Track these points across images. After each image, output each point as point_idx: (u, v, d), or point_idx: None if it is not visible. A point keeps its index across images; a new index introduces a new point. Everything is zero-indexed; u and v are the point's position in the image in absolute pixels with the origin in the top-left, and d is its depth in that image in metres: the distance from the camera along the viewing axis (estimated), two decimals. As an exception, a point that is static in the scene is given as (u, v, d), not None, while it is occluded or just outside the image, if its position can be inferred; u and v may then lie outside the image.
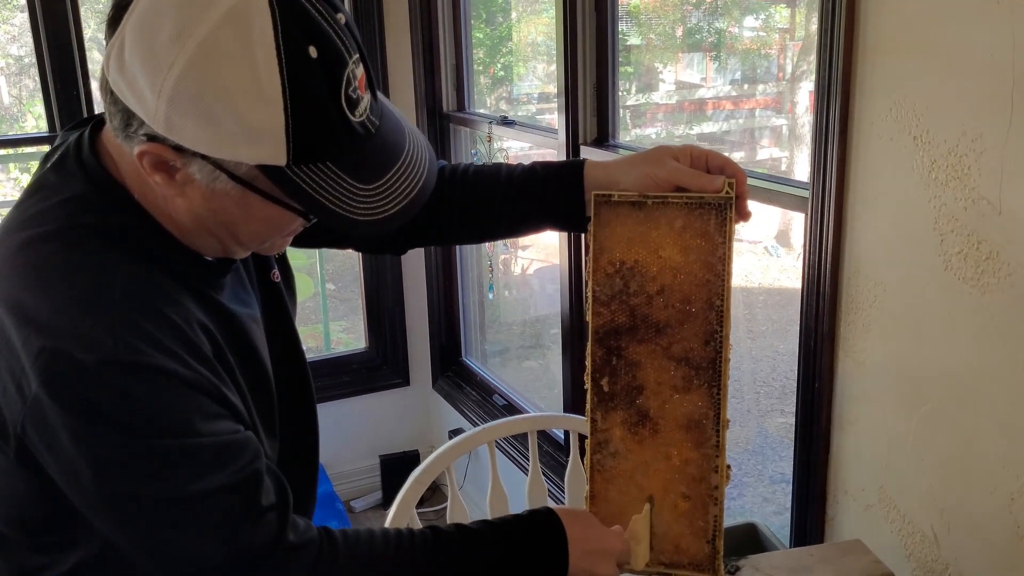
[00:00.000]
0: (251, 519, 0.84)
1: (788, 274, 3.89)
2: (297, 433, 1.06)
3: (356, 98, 0.79)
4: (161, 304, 0.82)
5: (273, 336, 1.02)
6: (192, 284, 0.87)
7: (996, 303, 1.27)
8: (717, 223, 1.02)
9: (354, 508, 3.34)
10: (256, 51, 0.74)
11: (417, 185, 0.85)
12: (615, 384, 1.06)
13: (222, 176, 0.80)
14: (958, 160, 1.28)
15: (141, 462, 0.79)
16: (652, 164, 1.05)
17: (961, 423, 1.36)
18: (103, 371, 0.77)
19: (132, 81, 0.77)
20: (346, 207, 0.80)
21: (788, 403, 3.20)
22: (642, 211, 1.05)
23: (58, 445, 0.78)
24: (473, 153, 3.07)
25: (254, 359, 0.95)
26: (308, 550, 0.87)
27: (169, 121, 0.76)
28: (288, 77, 0.74)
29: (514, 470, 2.70)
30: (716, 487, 1.04)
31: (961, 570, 1.41)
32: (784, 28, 3.12)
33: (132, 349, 0.78)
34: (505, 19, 3.25)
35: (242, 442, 0.85)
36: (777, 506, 2.85)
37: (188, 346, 0.82)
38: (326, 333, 3.83)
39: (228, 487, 0.82)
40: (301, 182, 0.79)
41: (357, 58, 0.80)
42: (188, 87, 0.74)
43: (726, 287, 1.02)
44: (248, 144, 0.76)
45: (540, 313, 3.48)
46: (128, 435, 0.78)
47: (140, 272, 0.84)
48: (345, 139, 0.79)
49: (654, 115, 3.34)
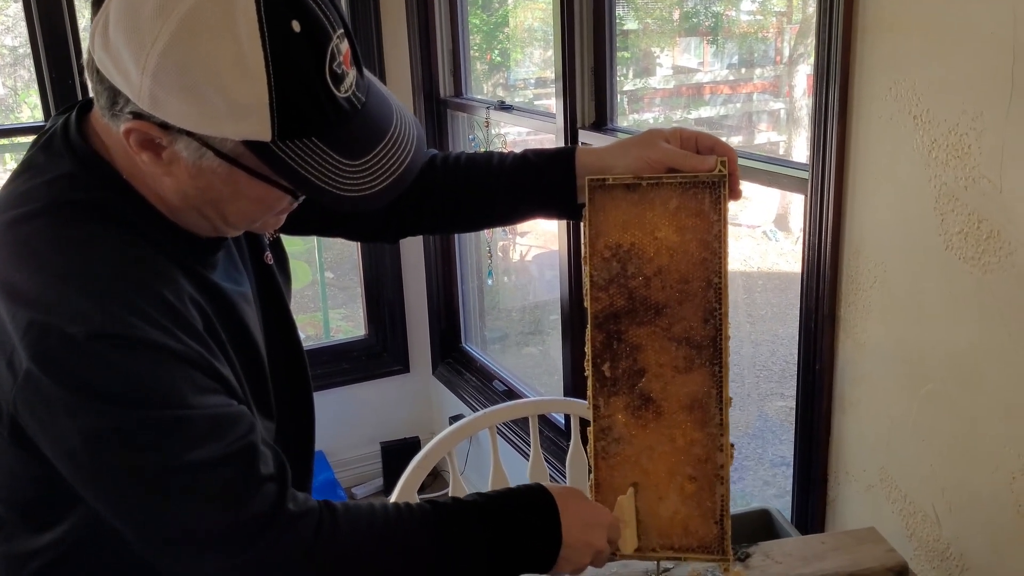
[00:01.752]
0: (249, 489, 0.83)
1: (787, 258, 3.89)
2: (292, 416, 1.06)
3: (341, 73, 0.79)
4: (151, 278, 0.82)
5: (267, 318, 1.02)
6: (183, 261, 0.87)
7: (997, 282, 1.26)
8: (711, 201, 1.02)
9: (355, 495, 3.35)
10: (239, 25, 0.73)
11: (404, 162, 0.84)
12: (616, 369, 1.06)
13: (208, 153, 0.80)
14: (958, 139, 1.28)
15: (134, 433, 0.78)
16: (644, 147, 1.05)
17: (962, 403, 1.36)
18: (93, 345, 0.76)
19: (117, 58, 0.77)
20: (332, 183, 0.80)
21: (788, 386, 3.21)
22: (636, 193, 1.04)
23: (50, 420, 0.78)
24: (471, 138, 3.06)
25: (245, 337, 0.94)
26: (308, 519, 0.87)
27: (154, 97, 0.76)
28: (271, 51, 0.74)
29: (515, 455, 2.71)
30: (721, 466, 1.04)
31: (962, 549, 1.41)
32: (781, 11, 3.10)
33: (122, 323, 0.77)
34: (502, 4, 3.23)
35: (236, 415, 0.84)
36: (778, 489, 2.85)
37: (179, 320, 0.81)
38: (325, 321, 3.83)
39: (224, 457, 0.82)
40: (287, 158, 0.78)
41: (342, 33, 0.79)
42: (172, 62, 0.74)
43: (723, 264, 1.02)
44: (233, 119, 0.76)
45: (539, 299, 3.48)
46: (120, 407, 0.78)
47: (129, 246, 0.83)
48: (331, 114, 0.79)
49: (651, 100, 3.33)
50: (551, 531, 0.98)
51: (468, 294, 3.32)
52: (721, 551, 1.05)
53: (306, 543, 0.86)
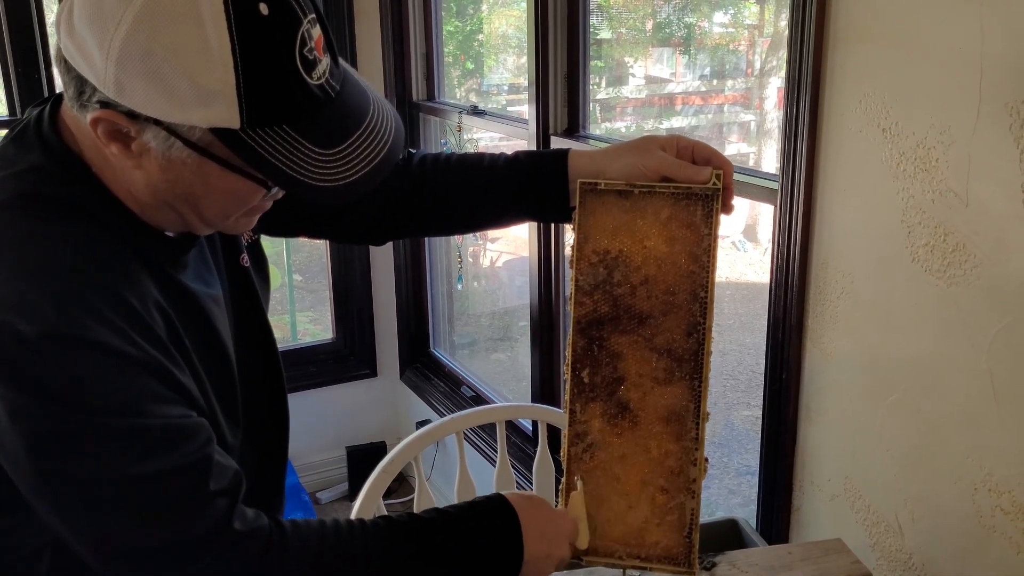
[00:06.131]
0: (197, 505, 0.81)
1: (755, 268, 3.92)
2: (265, 423, 1.04)
3: (313, 59, 0.77)
4: (114, 280, 0.80)
5: (241, 322, 1.00)
6: (151, 261, 0.85)
7: (962, 294, 1.28)
8: (703, 214, 1.01)
9: (320, 500, 3.32)
10: (203, 7, 0.72)
11: (380, 153, 0.82)
12: (595, 375, 1.05)
13: (177, 143, 0.78)
14: (926, 152, 1.29)
15: (81, 440, 0.76)
16: (639, 154, 1.03)
17: (926, 413, 1.37)
18: (45, 344, 0.74)
19: (81, 44, 0.75)
20: (304, 172, 0.78)
21: (754, 396, 3.23)
22: (628, 200, 1.03)
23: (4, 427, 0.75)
24: (443, 143, 3.05)
25: (213, 340, 0.92)
26: (255, 539, 0.84)
27: (119, 83, 0.74)
28: (237, 35, 0.72)
29: (482, 461, 2.70)
30: (694, 480, 1.03)
31: (924, 560, 1.42)
32: (753, 24, 3.14)
33: (77, 324, 0.75)
34: (476, 11, 3.24)
35: (193, 427, 0.82)
36: (743, 498, 2.87)
37: (140, 325, 0.79)
38: (293, 324, 3.80)
39: (175, 471, 0.79)
40: (257, 146, 0.76)
41: (313, 18, 0.78)
42: (135, 46, 0.72)
43: (710, 279, 1.01)
44: (200, 106, 0.74)
45: (509, 305, 3.47)
46: (69, 411, 0.75)
47: (94, 245, 0.81)
48: (302, 101, 0.77)
49: (624, 109, 3.34)
50: (512, 547, 0.96)
51: (437, 298, 3.31)
52: (688, 563, 1.04)
53: (252, 563, 0.84)
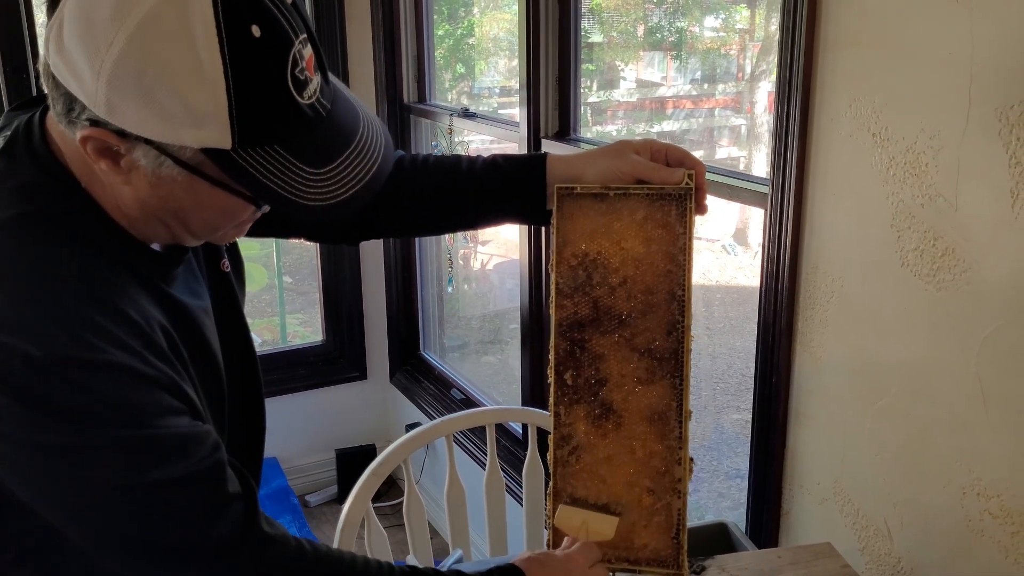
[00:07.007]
0: (217, 508, 0.83)
1: (745, 272, 3.93)
2: (244, 424, 1.04)
3: (304, 79, 0.77)
4: (117, 299, 0.80)
5: (222, 326, 1.00)
6: (143, 276, 0.85)
7: (951, 299, 1.28)
8: (678, 214, 1.02)
9: (309, 503, 3.31)
10: (196, 30, 0.72)
11: (370, 171, 0.83)
12: (578, 377, 1.06)
13: (167, 161, 0.78)
14: (916, 157, 1.29)
15: (100, 451, 0.77)
16: (614, 157, 1.05)
17: (915, 417, 1.37)
18: (59, 368, 0.75)
19: (71, 62, 0.75)
20: (295, 192, 0.78)
21: (744, 399, 3.23)
22: (604, 203, 1.04)
23: (13, 439, 0.76)
24: (434, 145, 3.05)
25: (207, 354, 0.93)
26: (284, 544, 0.87)
27: (110, 103, 0.74)
28: (230, 57, 0.72)
29: (472, 464, 2.69)
30: (680, 480, 1.04)
31: (913, 564, 1.43)
32: (744, 28, 3.14)
33: (88, 346, 0.76)
34: (468, 15, 3.23)
35: (203, 434, 0.83)
36: (732, 501, 2.87)
37: (145, 342, 0.80)
38: (282, 326, 3.79)
39: (192, 476, 0.81)
40: (248, 166, 0.76)
41: (304, 38, 0.78)
42: (127, 67, 0.72)
43: (687, 277, 1.02)
44: (191, 126, 0.74)
45: (499, 308, 3.47)
46: (86, 427, 0.76)
47: (93, 265, 0.81)
48: (293, 121, 0.77)
49: (615, 112, 3.34)
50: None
51: (427, 301, 3.31)
52: (676, 565, 1.04)
53: (285, 566, 0.87)
